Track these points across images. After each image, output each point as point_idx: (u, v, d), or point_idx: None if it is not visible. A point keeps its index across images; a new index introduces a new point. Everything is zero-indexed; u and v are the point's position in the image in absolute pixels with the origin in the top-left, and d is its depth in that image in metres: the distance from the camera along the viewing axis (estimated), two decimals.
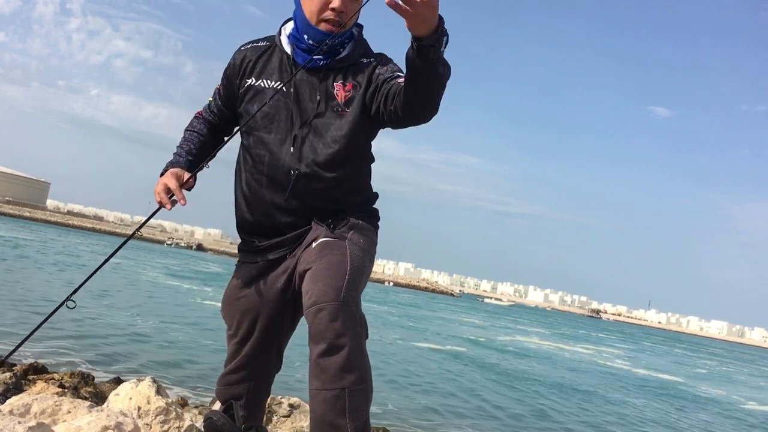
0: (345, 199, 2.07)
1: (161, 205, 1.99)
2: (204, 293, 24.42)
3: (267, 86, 2.07)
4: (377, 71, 2.02)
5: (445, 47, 1.70)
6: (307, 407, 3.96)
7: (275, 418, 3.85)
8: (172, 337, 12.76)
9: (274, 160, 2.03)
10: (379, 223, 2.19)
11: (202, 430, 2.21)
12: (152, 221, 2.25)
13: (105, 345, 10.37)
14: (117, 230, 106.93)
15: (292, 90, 2.04)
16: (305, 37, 2.03)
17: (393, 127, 2.03)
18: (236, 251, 2.31)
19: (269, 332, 2.16)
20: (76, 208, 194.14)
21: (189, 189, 2.06)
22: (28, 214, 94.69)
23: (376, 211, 2.20)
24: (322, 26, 1.99)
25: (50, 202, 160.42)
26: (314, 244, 1.97)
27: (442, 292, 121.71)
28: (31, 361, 6.21)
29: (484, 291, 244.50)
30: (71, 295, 2.00)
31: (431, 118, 1.89)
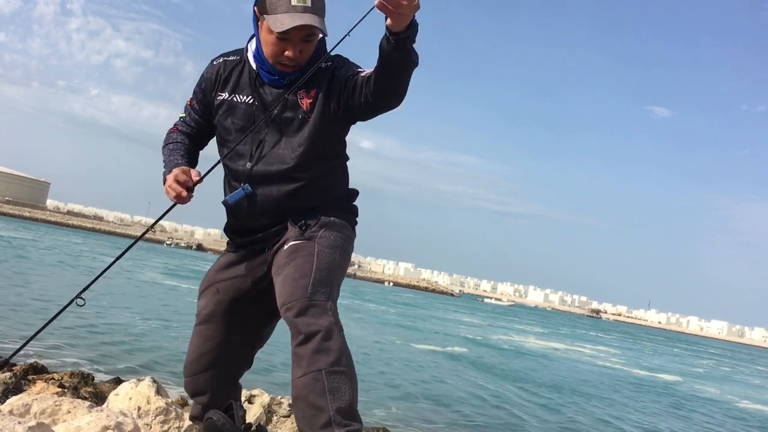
0: (317, 196, 2.17)
1: (178, 198, 2.03)
2: None
3: (239, 101, 2.18)
4: (336, 73, 2.11)
5: (416, 35, 1.83)
6: None
7: (275, 418, 3.85)
8: (171, 337, 12.76)
9: (247, 168, 2.15)
10: (357, 219, 2.29)
11: (202, 430, 2.21)
12: (152, 221, 2.29)
13: (105, 345, 10.37)
14: (117, 230, 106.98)
15: (257, 103, 2.16)
16: (264, 65, 2.14)
17: (363, 119, 2.14)
18: None
19: (234, 318, 2.24)
20: (76, 208, 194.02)
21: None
22: (28, 214, 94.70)
23: (353, 207, 2.29)
24: (279, 67, 2.10)
25: (50, 202, 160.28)
26: (285, 247, 2.09)
27: (442, 292, 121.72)
28: (31, 361, 6.21)
29: (484, 291, 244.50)
30: (81, 292, 2.03)
31: (401, 104, 2.02)
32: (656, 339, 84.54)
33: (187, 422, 3.01)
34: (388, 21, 1.77)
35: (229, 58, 2.25)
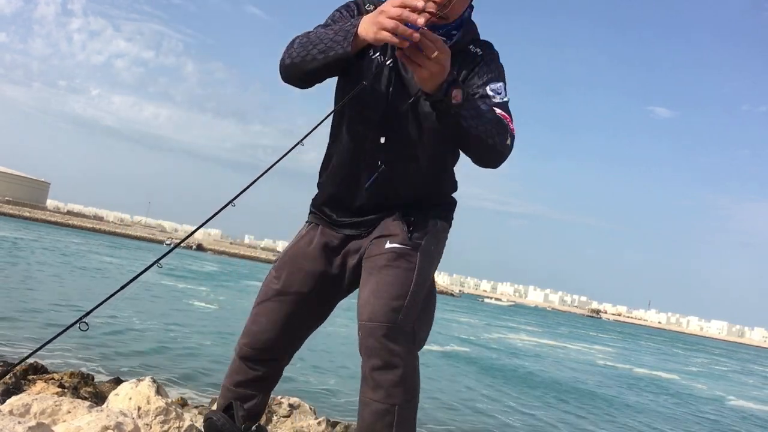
0: (433, 194, 2.03)
1: (407, 17, 1.52)
2: (199, 293, 24.34)
3: (374, 56, 1.91)
4: (477, 69, 1.90)
5: (465, 99, 1.66)
6: (307, 407, 3.99)
7: (275, 418, 3.85)
8: (170, 337, 12.76)
9: (370, 139, 1.93)
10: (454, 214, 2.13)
11: (202, 430, 2.21)
12: (152, 221, 2.26)
13: (104, 345, 10.37)
14: (117, 230, 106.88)
15: (395, 67, 1.90)
16: None
17: None
18: (235, 251, 2.38)
19: (310, 303, 2.06)
20: (76, 208, 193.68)
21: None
22: (28, 214, 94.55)
23: (455, 201, 2.13)
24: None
25: (50, 202, 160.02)
26: (387, 246, 1.90)
27: (442, 292, 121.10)
28: (31, 361, 6.20)
29: (484, 291, 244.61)
30: (85, 316, 1.96)
31: (498, 166, 1.83)
32: (655, 339, 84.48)
33: (188, 422, 3.01)
34: (416, 78, 1.62)
35: (375, 3, 1.90)
